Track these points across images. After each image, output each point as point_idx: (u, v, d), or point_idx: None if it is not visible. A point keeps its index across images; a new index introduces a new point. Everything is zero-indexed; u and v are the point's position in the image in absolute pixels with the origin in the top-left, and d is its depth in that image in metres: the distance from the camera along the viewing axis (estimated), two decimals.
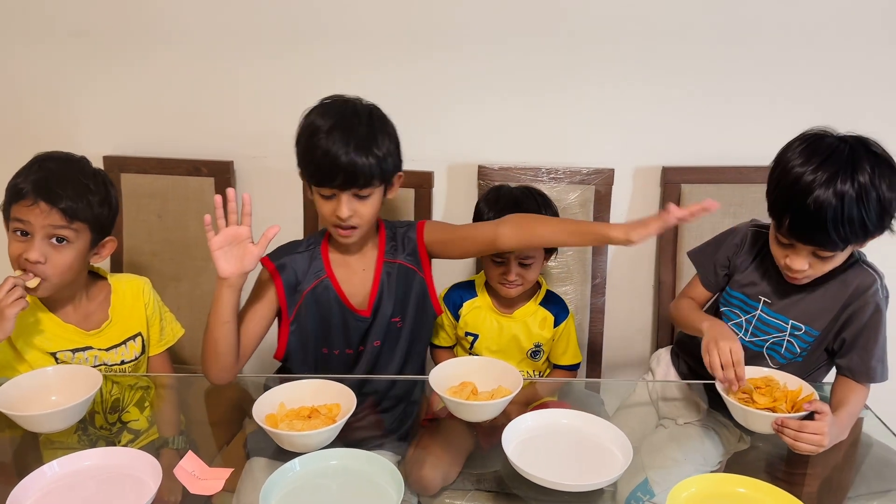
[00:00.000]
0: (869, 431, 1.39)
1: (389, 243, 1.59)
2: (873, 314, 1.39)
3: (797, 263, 1.32)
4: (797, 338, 1.45)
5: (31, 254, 1.37)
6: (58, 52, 1.96)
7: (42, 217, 1.37)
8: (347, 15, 1.89)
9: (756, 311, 1.48)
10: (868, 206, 1.23)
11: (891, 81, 1.90)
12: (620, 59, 1.89)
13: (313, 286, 1.54)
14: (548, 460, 1.19)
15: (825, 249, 1.29)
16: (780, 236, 1.34)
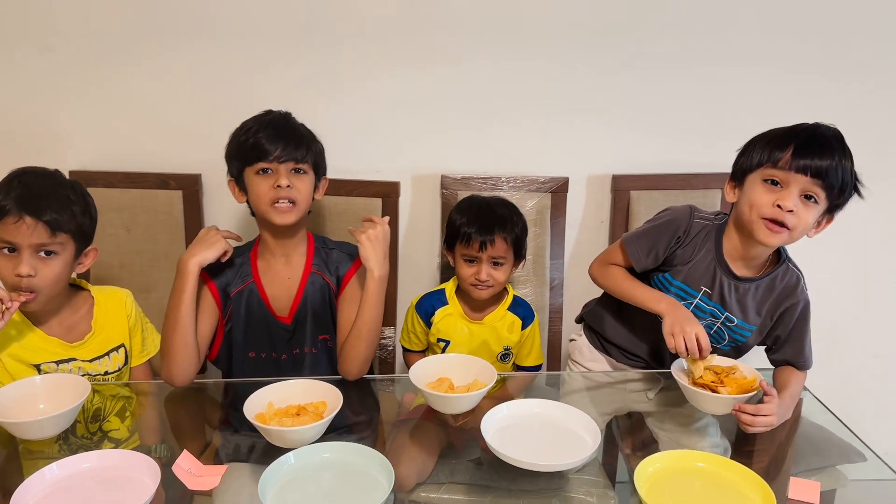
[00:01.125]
0: (807, 413, 1.53)
1: (317, 256, 1.66)
2: (803, 309, 1.55)
3: (789, 200, 1.39)
4: (728, 328, 1.58)
5: (22, 268, 1.38)
6: (23, 69, 1.95)
7: (28, 232, 1.38)
8: (312, 34, 1.95)
9: (695, 300, 1.58)
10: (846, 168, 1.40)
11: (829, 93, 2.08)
12: (572, 75, 2.02)
13: (240, 289, 1.62)
14: (523, 445, 1.27)
15: (819, 185, 1.39)
16: (773, 175, 1.42)
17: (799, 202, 1.40)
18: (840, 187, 1.40)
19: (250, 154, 1.54)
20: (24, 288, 1.40)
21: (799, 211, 1.40)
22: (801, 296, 1.54)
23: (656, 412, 1.57)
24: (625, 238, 1.66)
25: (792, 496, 1.19)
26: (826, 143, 1.40)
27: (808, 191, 1.40)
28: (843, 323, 2.25)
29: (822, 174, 1.38)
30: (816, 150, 1.38)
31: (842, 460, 1.42)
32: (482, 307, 1.79)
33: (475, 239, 1.68)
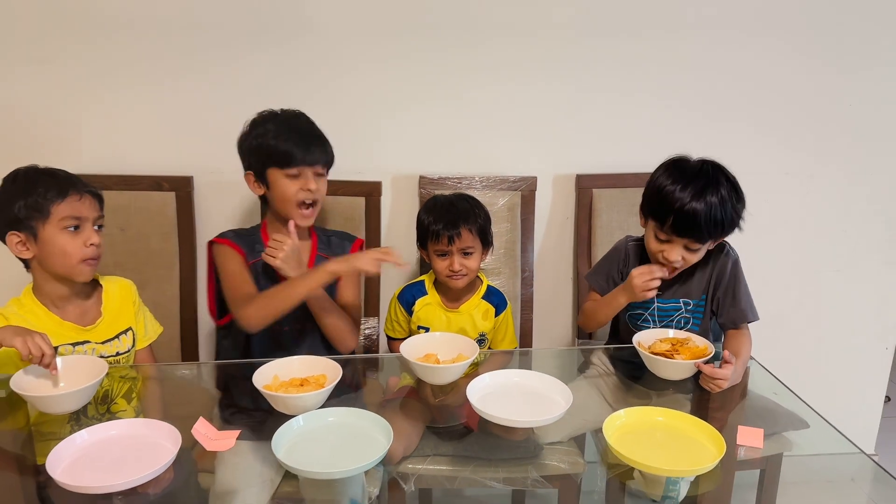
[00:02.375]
0: (754, 387, 1.67)
1: (321, 241, 1.83)
2: (732, 268, 1.74)
3: (673, 255, 1.65)
4: (691, 312, 1.78)
5: (94, 238, 1.55)
6: (21, 76, 2.02)
7: (91, 206, 1.56)
8: (297, 37, 2.06)
9: (653, 304, 1.80)
10: (725, 211, 1.60)
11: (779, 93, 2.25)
12: (540, 82, 2.17)
13: (255, 261, 1.76)
14: (505, 408, 1.39)
15: (696, 242, 1.63)
16: (658, 234, 1.66)
17: (683, 251, 1.65)
18: (719, 235, 1.65)
19: (281, 158, 1.68)
20: (93, 257, 1.54)
21: (685, 256, 1.66)
22: (727, 258, 1.75)
23: (619, 380, 1.74)
24: (587, 276, 1.91)
25: (739, 442, 1.35)
26: (696, 216, 1.58)
27: (689, 246, 1.65)
28: (787, 310, 2.43)
29: (697, 238, 1.62)
30: (688, 223, 1.59)
31: (787, 427, 1.54)
32: (458, 296, 1.92)
33: (443, 234, 1.82)
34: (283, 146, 1.67)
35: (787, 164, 2.30)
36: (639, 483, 1.35)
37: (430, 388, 1.59)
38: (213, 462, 1.33)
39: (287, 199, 1.70)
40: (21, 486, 1.33)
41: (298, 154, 1.67)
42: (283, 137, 1.68)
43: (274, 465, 1.34)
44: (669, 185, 1.62)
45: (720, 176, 1.62)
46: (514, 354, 1.98)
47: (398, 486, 1.40)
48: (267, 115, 1.74)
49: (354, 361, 1.72)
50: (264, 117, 1.73)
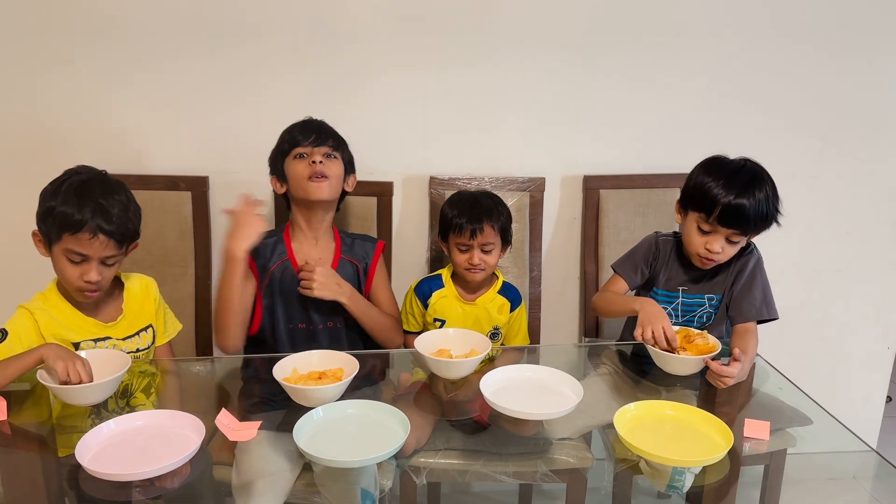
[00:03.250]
0: (760, 385, 1.70)
1: (344, 244, 1.88)
2: (753, 266, 1.79)
3: (716, 245, 1.70)
4: (714, 307, 1.83)
5: (91, 276, 1.53)
6: (42, 77, 2.06)
7: (101, 248, 1.52)
8: (313, 43, 2.10)
9: (678, 299, 1.85)
10: (769, 206, 1.66)
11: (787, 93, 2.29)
12: (548, 85, 2.20)
13: (277, 265, 1.81)
14: (516, 401, 1.43)
15: (740, 235, 1.69)
16: (703, 226, 1.71)
17: (724, 243, 1.71)
18: (762, 228, 1.71)
19: (288, 145, 1.79)
20: (88, 290, 1.55)
21: (724, 248, 1.72)
22: (750, 256, 1.81)
23: (628, 377, 1.77)
24: (614, 265, 1.94)
25: (747, 434, 1.39)
26: (743, 209, 1.65)
27: (731, 237, 1.71)
28: (790, 310, 2.44)
29: (742, 228, 1.68)
30: (737, 214, 1.66)
31: (791, 424, 1.58)
32: (475, 290, 1.97)
33: (466, 228, 1.87)
34: (291, 135, 1.79)
35: (792, 165, 2.34)
36: (645, 473, 1.39)
37: (443, 383, 1.62)
38: (231, 454, 1.36)
39: (297, 177, 1.77)
40: (44, 476, 1.36)
41: (303, 135, 1.78)
42: (295, 130, 1.80)
43: (292, 457, 1.37)
44: (716, 178, 1.69)
45: (763, 173, 1.70)
46: (525, 351, 2.02)
47: (410, 480, 1.43)
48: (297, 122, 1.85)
49: (367, 356, 1.75)
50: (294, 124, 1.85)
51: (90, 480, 1.20)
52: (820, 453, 1.55)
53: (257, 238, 1.70)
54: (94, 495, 1.24)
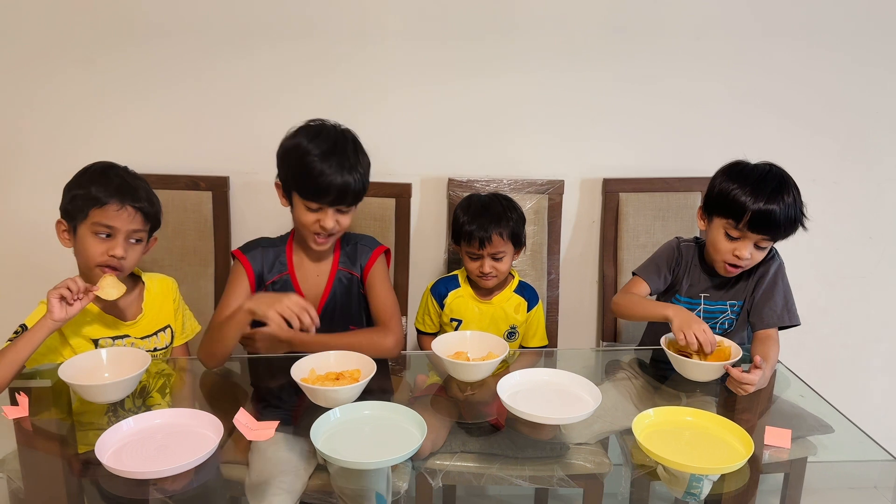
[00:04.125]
0: (780, 392, 1.68)
1: (343, 254, 1.79)
2: (774, 272, 1.78)
3: (745, 251, 1.68)
4: (736, 314, 1.82)
5: (118, 250, 1.55)
6: (63, 78, 2.09)
7: (128, 220, 1.55)
8: (334, 46, 2.11)
9: (700, 305, 1.83)
10: (797, 210, 1.66)
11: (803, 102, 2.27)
12: (568, 87, 2.20)
13: (275, 279, 1.75)
14: (534, 405, 1.42)
15: (769, 240, 1.68)
16: (731, 232, 1.69)
17: (753, 249, 1.69)
18: (790, 233, 1.69)
19: (308, 190, 1.61)
20: (114, 267, 1.56)
21: (753, 254, 1.70)
22: (772, 261, 1.79)
23: (646, 383, 1.75)
24: (636, 271, 1.92)
25: (767, 442, 1.37)
26: (772, 215, 1.64)
27: (760, 243, 1.69)
28: (812, 316, 2.42)
29: (772, 234, 1.67)
30: (767, 219, 1.64)
31: (812, 432, 1.55)
32: (490, 290, 1.97)
33: (475, 238, 1.86)
34: (311, 176, 1.59)
35: (813, 170, 2.31)
36: (663, 480, 1.38)
37: (459, 386, 1.62)
38: (245, 454, 1.36)
39: (305, 226, 1.67)
40: (63, 471, 1.38)
41: (322, 190, 1.59)
42: (316, 165, 1.58)
43: (307, 457, 1.38)
44: (742, 184, 1.67)
45: (788, 177, 1.69)
46: (541, 355, 2.01)
47: (426, 482, 1.43)
48: (313, 130, 1.64)
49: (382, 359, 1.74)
50: (310, 132, 1.64)
51: (109, 477, 1.20)
52: (841, 462, 1.54)
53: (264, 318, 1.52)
54: (112, 492, 1.25)
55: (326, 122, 1.68)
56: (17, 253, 2.20)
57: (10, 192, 2.18)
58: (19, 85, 2.10)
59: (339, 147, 1.62)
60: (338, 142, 1.63)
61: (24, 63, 2.08)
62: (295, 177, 1.63)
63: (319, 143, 1.61)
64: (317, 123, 1.68)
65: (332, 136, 1.64)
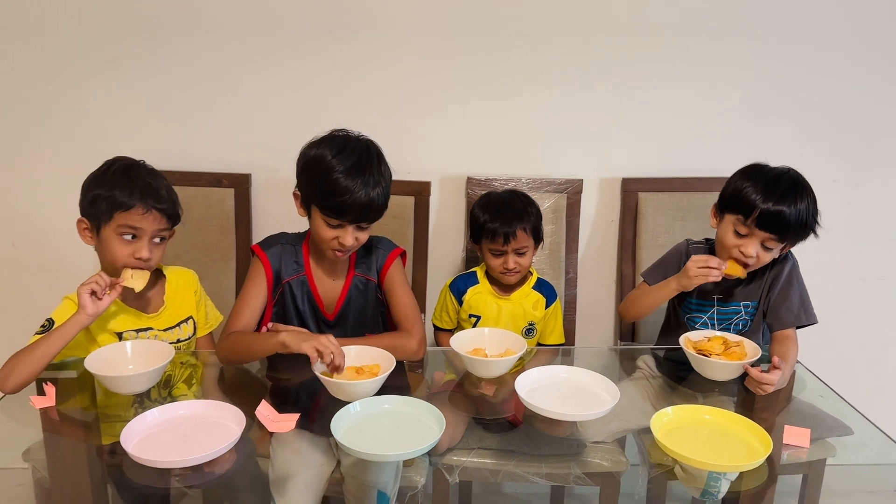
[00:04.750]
0: (799, 393, 1.68)
1: (359, 258, 1.77)
2: (788, 271, 1.78)
3: (750, 249, 1.68)
4: (750, 315, 1.81)
5: (144, 252, 1.58)
6: (88, 74, 2.12)
7: (154, 222, 1.58)
8: (356, 46, 2.13)
9: (713, 308, 1.83)
10: (809, 214, 1.66)
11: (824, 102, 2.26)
12: (588, 86, 2.20)
13: (292, 279, 1.74)
14: (551, 401, 1.43)
15: (777, 241, 1.67)
16: (739, 229, 1.69)
17: (759, 248, 1.69)
18: (798, 237, 1.69)
19: (331, 207, 1.57)
20: (138, 267, 1.59)
21: (759, 254, 1.70)
22: (785, 261, 1.79)
23: (664, 382, 1.76)
24: (643, 274, 1.92)
25: (786, 441, 1.36)
26: (782, 214, 1.64)
27: (767, 242, 1.69)
28: (831, 317, 2.40)
29: (780, 234, 1.67)
30: (776, 218, 1.65)
31: (831, 433, 1.54)
32: (509, 286, 1.98)
33: (499, 235, 1.87)
34: (335, 194, 1.55)
35: (834, 171, 2.30)
36: (680, 479, 1.38)
37: (476, 383, 1.63)
38: (266, 446, 1.38)
39: (321, 239, 1.65)
40: (88, 461, 1.41)
41: (346, 209, 1.56)
42: (341, 182, 1.54)
43: (327, 452, 1.40)
44: (756, 182, 1.68)
45: (804, 182, 1.70)
46: (558, 353, 2.01)
47: (442, 478, 1.44)
48: (338, 143, 1.60)
49: None
50: (335, 145, 1.59)
51: (132, 467, 1.23)
52: (860, 465, 1.53)
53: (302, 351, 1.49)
54: (136, 481, 1.28)
55: (351, 134, 1.64)
56: (39, 249, 2.25)
57: (35, 188, 2.22)
58: (46, 83, 2.14)
59: (365, 162, 1.58)
60: (362, 156, 1.59)
61: (50, 61, 2.12)
62: (318, 192, 1.59)
63: (343, 159, 1.56)
64: (341, 135, 1.63)
65: (357, 151, 1.59)
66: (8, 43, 2.10)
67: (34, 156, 2.19)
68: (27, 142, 2.18)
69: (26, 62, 2.12)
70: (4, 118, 2.16)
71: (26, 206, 2.23)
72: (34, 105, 2.16)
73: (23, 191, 2.22)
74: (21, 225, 2.24)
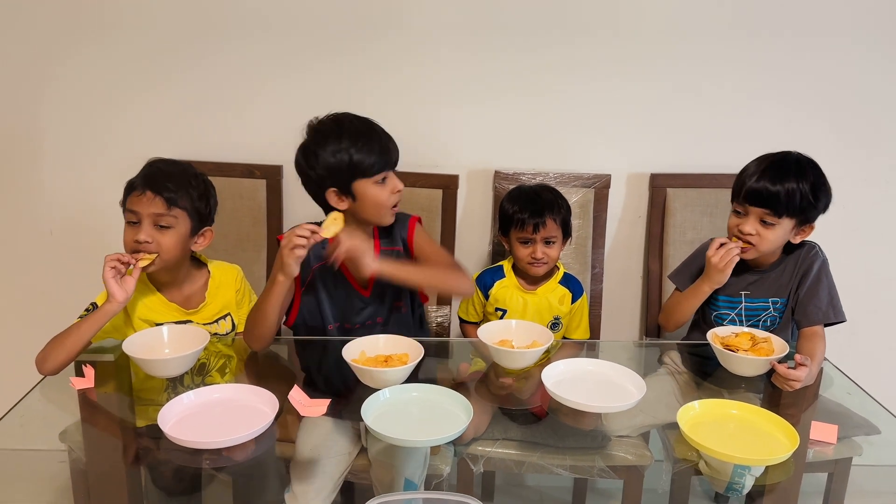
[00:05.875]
0: (825, 392, 1.66)
1: (382, 235, 1.81)
2: (818, 268, 1.77)
3: (747, 227, 1.72)
4: (779, 311, 1.81)
5: (139, 235, 1.60)
6: (125, 65, 2.17)
7: (147, 204, 1.60)
8: (384, 36, 2.15)
9: (741, 304, 1.83)
10: (802, 186, 1.68)
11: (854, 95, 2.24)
12: (616, 80, 2.20)
13: (322, 263, 1.75)
14: (577, 393, 1.43)
15: (772, 215, 1.68)
16: (737, 208, 1.75)
17: (759, 226, 1.72)
18: (796, 209, 1.69)
19: (369, 168, 1.65)
20: (142, 251, 1.60)
21: (759, 232, 1.72)
22: (815, 259, 1.79)
23: (690, 377, 1.76)
24: (670, 276, 1.95)
25: (813, 437, 1.37)
26: (774, 176, 1.68)
27: (763, 217, 1.71)
28: (859, 317, 2.38)
29: (770, 205, 1.69)
30: (764, 186, 1.69)
31: (858, 432, 1.54)
32: (536, 280, 1.99)
33: (529, 223, 1.89)
34: (368, 157, 1.64)
35: (865, 169, 2.28)
36: (704, 473, 1.39)
37: (502, 374, 1.64)
38: (294, 431, 1.42)
39: (381, 204, 1.69)
40: (122, 444, 1.45)
41: (382, 159, 1.66)
42: (363, 147, 1.64)
43: (352, 438, 1.43)
44: (752, 164, 1.76)
45: (807, 162, 1.73)
46: (584, 346, 2.02)
47: (467, 467, 1.46)
48: (328, 129, 1.68)
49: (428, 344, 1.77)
50: (326, 132, 1.67)
51: (166, 449, 1.26)
52: (888, 465, 1.53)
53: (282, 263, 1.59)
54: (171, 462, 1.32)
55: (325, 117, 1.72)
56: (76, 236, 2.30)
57: (74, 178, 2.27)
58: (92, 82, 2.19)
59: (356, 118, 1.70)
60: (350, 117, 1.71)
61: (96, 62, 2.17)
62: (351, 164, 1.64)
63: (344, 126, 1.67)
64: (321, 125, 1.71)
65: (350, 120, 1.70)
66: (59, 43, 2.15)
67: (74, 147, 2.24)
68: (69, 134, 2.23)
69: (75, 62, 2.17)
70: (50, 111, 2.21)
71: (64, 194, 2.28)
72: (79, 101, 2.20)
73: (61, 180, 2.27)
74: (58, 213, 2.29)
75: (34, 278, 2.34)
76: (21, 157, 2.25)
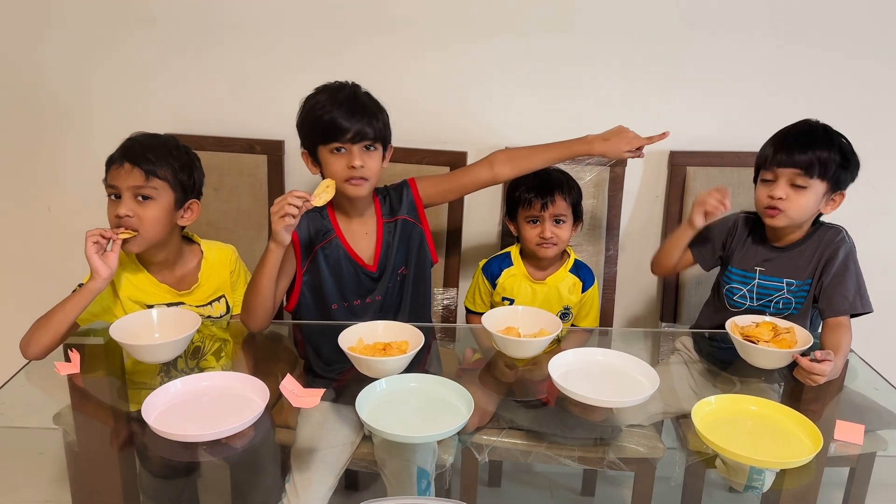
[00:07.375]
0: (850, 383, 1.59)
1: (384, 206, 1.78)
2: (845, 255, 1.68)
3: (778, 191, 1.64)
4: (794, 293, 1.71)
5: (120, 209, 1.54)
6: (125, 38, 2.11)
7: (126, 176, 1.54)
8: (388, 13, 2.07)
9: (754, 280, 1.74)
10: (832, 148, 1.63)
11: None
12: (631, 53, 2.11)
13: (324, 244, 1.72)
14: (586, 385, 1.36)
15: (804, 176, 1.62)
16: (765, 176, 1.68)
17: (789, 190, 1.65)
18: (825, 171, 1.62)
19: (326, 133, 1.63)
20: (123, 226, 1.54)
21: (790, 196, 1.65)
22: (841, 244, 1.70)
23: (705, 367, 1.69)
24: (689, 244, 1.84)
25: (837, 437, 1.29)
26: (803, 139, 1.65)
27: (793, 181, 1.65)
28: (888, 307, 2.29)
29: (800, 165, 1.63)
30: (794, 147, 1.64)
31: (883, 426, 1.48)
32: (545, 268, 1.90)
33: (536, 200, 1.81)
34: (328, 119, 1.61)
35: (893, 150, 2.17)
36: (720, 471, 1.32)
37: (509, 362, 1.58)
38: (293, 420, 1.38)
39: (335, 175, 1.64)
40: (113, 428, 1.41)
41: (342, 128, 1.60)
42: (329, 109, 1.62)
43: (353, 426, 1.37)
44: (776, 134, 1.72)
45: (833, 132, 1.69)
46: (594, 333, 1.95)
47: (472, 456, 1.41)
48: (322, 92, 1.68)
49: (431, 331, 1.72)
50: (318, 90, 1.69)
51: (156, 437, 1.21)
52: None
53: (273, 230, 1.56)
54: (160, 452, 1.27)
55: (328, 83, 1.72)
56: (74, 213, 2.25)
57: (70, 153, 2.22)
58: (80, 48, 2.13)
59: (346, 87, 1.68)
60: (343, 86, 1.68)
61: (84, 27, 2.11)
62: (312, 127, 1.66)
63: (325, 91, 1.67)
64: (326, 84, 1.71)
65: (336, 84, 1.69)
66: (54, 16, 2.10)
67: (70, 122, 2.19)
68: (64, 108, 2.18)
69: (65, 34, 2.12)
70: (44, 87, 2.16)
71: (62, 171, 2.24)
72: (68, 71, 2.15)
73: (59, 156, 2.22)
74: (56, 189, 2.25)
75: None
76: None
